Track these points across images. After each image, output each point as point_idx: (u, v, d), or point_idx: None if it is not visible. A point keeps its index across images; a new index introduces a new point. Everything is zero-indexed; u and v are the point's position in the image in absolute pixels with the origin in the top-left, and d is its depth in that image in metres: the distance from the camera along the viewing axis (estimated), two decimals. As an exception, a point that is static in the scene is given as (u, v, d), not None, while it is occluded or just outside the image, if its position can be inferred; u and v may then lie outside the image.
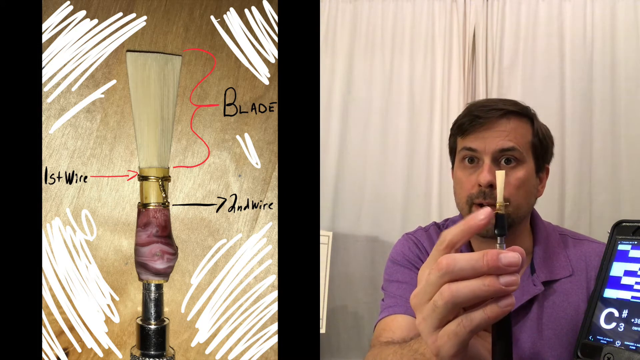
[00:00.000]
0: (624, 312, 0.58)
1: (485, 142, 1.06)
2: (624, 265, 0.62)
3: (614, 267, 0.63)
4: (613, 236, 0.65)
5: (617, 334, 0.58)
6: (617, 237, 0.65)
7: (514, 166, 1.06)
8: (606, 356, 0.57)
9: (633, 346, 0.55)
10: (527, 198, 1.08)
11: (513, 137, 1.06)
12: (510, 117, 1.08)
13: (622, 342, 0.57)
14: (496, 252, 0.51)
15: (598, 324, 0.60)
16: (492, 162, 1.05)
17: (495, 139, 1.06)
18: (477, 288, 0.51)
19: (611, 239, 0.65)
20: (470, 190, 1.07)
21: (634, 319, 0.57)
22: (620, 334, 0.57)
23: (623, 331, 0.57)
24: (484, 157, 1.06)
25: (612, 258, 0.64)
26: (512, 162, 1.06)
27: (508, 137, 1.06)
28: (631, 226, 0.64)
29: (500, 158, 1.06)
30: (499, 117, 1.07)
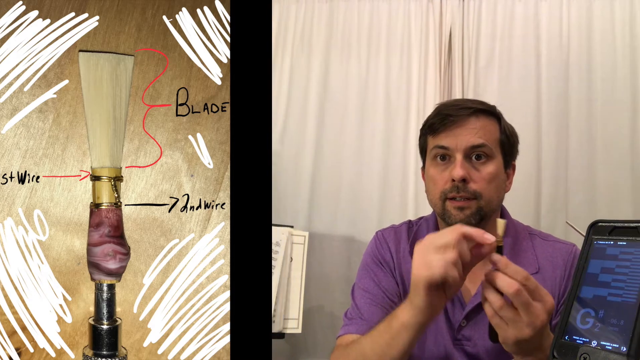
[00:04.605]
0: (601, 312, 0.58)
1: (457, 139, 1.09)
2: (601, 262, 0.62)
3: (591, 264, 0.63)
4: (589, 236, 0.65)
5: (594, 334, 0.57)
6: (594, 237, 0.65)
7: (484, 162, 1.09)
8: (582, 356, 0.57)
9: (609, 346, 0.55)
10: (497, 192, 1.11)
11: (483, 134, 1.10)
12: (479, 116, 1.11)
13: (598, 342, 0.57)
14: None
15: (574, 324, 0.60)
16: (464, 158, 1.08)
17: (466, 136, 1.08)
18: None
19: (587, 239, 0.65)
20: (443, 186, 1.09)
21: (610, 319, 0.57)
22: (597, 334, 0.57)
23: (599, 331, 0.57)
24: (455, 154, 1.08)
25: (589, 257, 0.64)
26: (483, 158, 1.09)
27: (478, 134, 1.09)
28: (607, 226, 0.64)
29: (471, 154, 1.09)
30: (469, 116, 1.10)
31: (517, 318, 0.74)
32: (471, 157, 1.09)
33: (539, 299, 0.75)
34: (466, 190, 1.07)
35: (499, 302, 0.74)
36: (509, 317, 0.74)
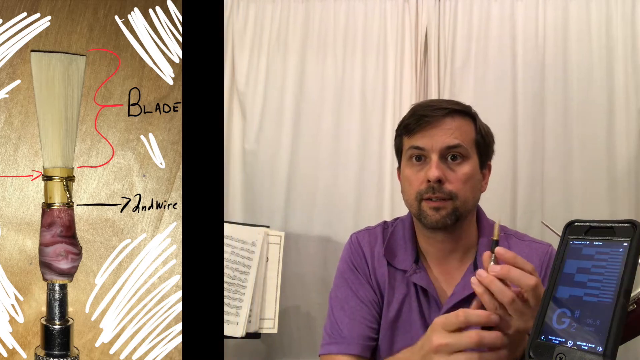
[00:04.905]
0: (577, 312, 0.58)
1: (432, 140, 1.09)
2: (577, 262, 0.62)
3: (567, 264, 0.63)
4: (565, 236, 0.65)
5: (570, 334, 0.57)
6: (570, 237, 0.65)
7: (460, 162, 1.10)
8: (558, 356, 0.57)
9: (585, 346, 0.55)
10: (473, 192, 1.12)
11: (458, 135, 1.10)
12: (454, 116, 1.12)
13: (574, 342, 0.57)
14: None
15: (550, 323, 0.60)
16: (439, 159, 1.08)
17: (442, 137, 1.09)
18: None
19: (563, 239, 0.65)
20: (419, 186, 1.10)
21: (586, 319, 0.57)
22: (573, 334, 0.57)
23: (575, 331, 0.57)
24: (431, 154, 1.09)
25: (565, 257, 0.64)
26: (458, 158, 1.10)
27: (454, 135, 1.09)
28: (583, 226, 0.64)
29: (447, 155, 1.09)
30: (444, 116, 1.11)
31: (525, 310, 0.75)
32: (447, 157, 1.09)
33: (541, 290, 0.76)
34: (442, 190, 1.07)
35: (511, 295, 0.74)
36: (519, 310, 0.75)
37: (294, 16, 2.12)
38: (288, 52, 2.11)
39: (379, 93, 2.07)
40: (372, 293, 1.17)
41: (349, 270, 1.21)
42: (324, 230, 2.05)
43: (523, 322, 0.75)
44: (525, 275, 0.74)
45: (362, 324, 1.14)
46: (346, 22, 2.10)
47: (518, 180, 2.04)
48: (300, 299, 2.04)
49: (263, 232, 1.82)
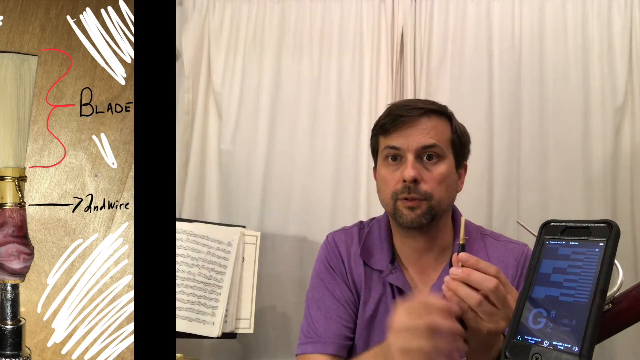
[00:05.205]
0: (553, 312, 0.58)
1: (408, 139, 1.09)
2: (553, 262, 0.62)
3: (543, 264, 0.63)
4: (541, 236, 0.65)
5: (546, 334, 0.57)
6: (546, 237, 0.65)
7: (435, 162, 1.10)
8: (534, 356, 0.57)
9: (561, 346, 0.55)
10: (448, 192, 1.12)
11: (434, 134, 1.11)
12: (430, 116, 1.12)
13: (550, 342, 0.57)
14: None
15: (526, 323, 0.60)
16: (415, 159, 1.09)
17: (418, 137, 1.09)
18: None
19: (539, 239, 0.65)
20: (394, 186, 1.10)
21: (562, 319, 0.57)
22: (549, 334, 0.57)
23: (551, 331, 0.57)
24: (407, 154, 1.09)
25: (541, 257, 0.64)
26: (434, 158, 1.10)
27: (429, 135, 1.10)
28: (559, 226, 0.64)
29: (422, 154, 1.10)
30: (420, 116, 1.11)
31: (494, 312, 0.74)
32: (422, 157, 1.10)
33: (509, 292, 0.76)
34: (417, 190, 1.08)
35: (478, 298, 0.74)
36: (487, 312, 0.74)
37: (270, 16, 2.12)
38: (264, 52, 2.10)
39: (355, 93, 2.06)
40: (348, 293, 1.17)
41: (325, 270, 1.21)
42: (300, 230, 2.05)
43: (493, 324, 0.75)
44: (486, 279, 0.74)
45: (338, 324, 1.14)
46: (322, 22, 2.10)
47: (494, 180, 2.04)
48: (276, 299, 2.03)
49: (239, 232, 1.82)
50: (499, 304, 0.74)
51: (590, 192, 2.01)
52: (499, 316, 0.75)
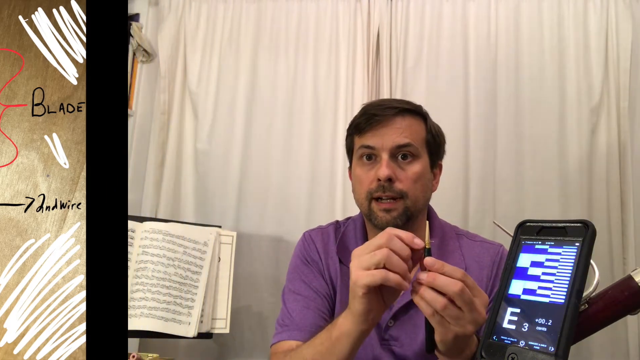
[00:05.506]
0: (528, 313, 0.59)
1: (383, 139, 1.10)
2: (531, 256, 0.63)
3: (520, 258, 0.64)
4: (517, 236, 0.66)
5: (521, 334, 0.58)
6: (522, 237, 0.65)
7: (410, 161, 1.11)
8: (510, 356, 0.57)
9: (537, 346, 0.56)
10: (423, 191, 1.13)
11: (409, 134, 1.11)
12: (405, 115, 1.13)
13: (526, 342, 0.57)
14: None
15: (502, 324, 0.60)
16: (390, 158, 1.09)
17: (392, 136, 1.10)
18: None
19: (515, 239, 0.66)
20: (369, 185, 1.11)
21: (538, 319, 0.57)
22: (525, 334, 0.58)
23: (527, 331, 0.58)
24: (381, 153, 1.10)
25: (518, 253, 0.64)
26: (409, 157, 1.11)
27: (404, 134, 1.11)
28: (535, 226, 0.65)
29: (397, 154, 1.10)
30: (395, 115, 1.12)
31: (460, 315, 0.74)
32: (397, 156, 1.10)
33: (476, 295, 0.76)
34: (392, 189, 1.08)
35: (443, 302, 0.74)
36: (453, 316, 0.74)
37: (246, 16, 2.12)
38: (240, 51, 2.10)
39: (331, 93, 2.07)
40: (325, 285, 1.17)
41: (302, 265, 1.21)
42: (276, 230, 2.05)
43: (460, 327, 0.75)
44: (451, 282, 0.74)
45: (315, 313, 1.13)
46: (298, 21, 2.10)
47: (470, 179, 2.05)
48: (252, 299, 2.03)
49: (215, 232, 1.82)
50: (465, 308, 0.74)
51: (566, 191, 2.02)
52: (466, 320, 0.75)
